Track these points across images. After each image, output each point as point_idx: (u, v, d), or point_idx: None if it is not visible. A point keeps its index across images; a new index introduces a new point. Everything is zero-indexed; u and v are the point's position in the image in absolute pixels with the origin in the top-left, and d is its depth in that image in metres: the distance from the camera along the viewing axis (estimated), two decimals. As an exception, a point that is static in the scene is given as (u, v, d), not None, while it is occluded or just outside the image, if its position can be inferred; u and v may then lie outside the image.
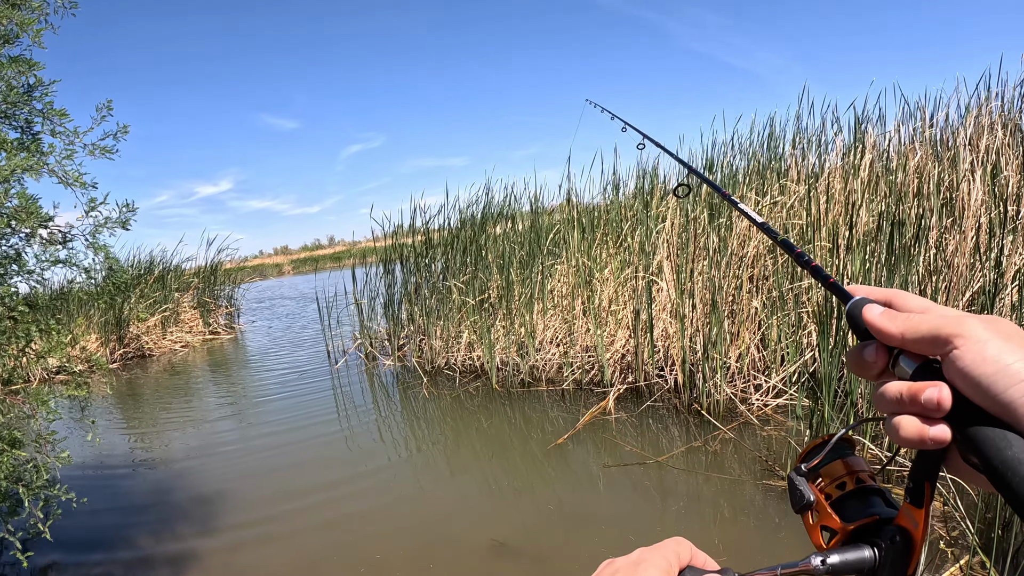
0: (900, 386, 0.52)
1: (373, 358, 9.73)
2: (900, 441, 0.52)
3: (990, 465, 0.47)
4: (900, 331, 0.53)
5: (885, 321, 0.55)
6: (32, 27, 2.67)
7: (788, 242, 0.78)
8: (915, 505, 0.53)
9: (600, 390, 6.68)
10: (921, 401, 0.50)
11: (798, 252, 0.75)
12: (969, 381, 0.48)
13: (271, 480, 5.36)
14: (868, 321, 0.56)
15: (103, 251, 3.25)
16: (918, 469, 0.53)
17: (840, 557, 0.55)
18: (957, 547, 3.28)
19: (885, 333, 0.55)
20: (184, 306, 14.74)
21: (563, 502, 4.43)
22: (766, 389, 5.71)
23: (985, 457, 0.47)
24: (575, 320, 7.41)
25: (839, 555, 0.55)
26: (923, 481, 0.53)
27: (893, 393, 0.53)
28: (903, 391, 0.52)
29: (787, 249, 0.77)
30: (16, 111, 2.86)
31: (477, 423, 6.36)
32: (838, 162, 6.65)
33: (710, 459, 4.83)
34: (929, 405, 0.50)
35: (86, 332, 12.21)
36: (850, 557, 0.54)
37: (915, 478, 0.54)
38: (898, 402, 0.52)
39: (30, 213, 2.88)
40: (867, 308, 0.57)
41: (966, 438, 0.49)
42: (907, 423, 0.51)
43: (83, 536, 4.48)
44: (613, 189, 8.32)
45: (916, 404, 0.51)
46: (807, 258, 0.73)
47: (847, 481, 0.58)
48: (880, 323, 0.55)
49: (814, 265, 0.71)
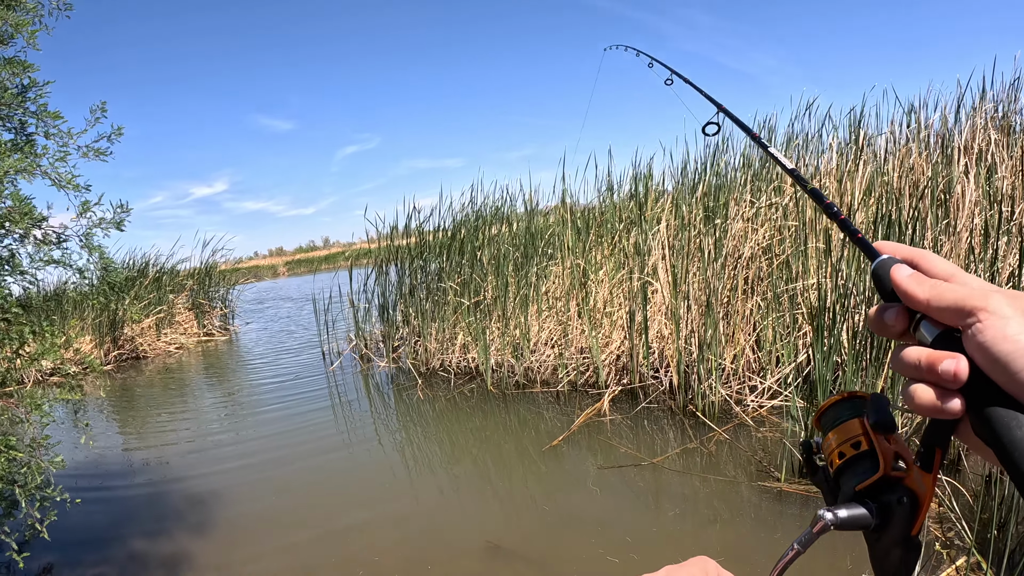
0: (920, 352, 0.52)
1: (368, 360, 9.72)
2: (914, 408, 0.52)
3: (999, 443, 0.47)
4: (926, 297, 0.53)
5: (913, 285, 0.54)
6: (26, 28, 2.66)
7: (817, 191, 0.78)
8: (924, 469, 0.54)
9: (595, 391, 6.68)
10: (939, 371, 0.50)
11: (827, 203, 0.75)
12: (988, 356, 0.48)
13: (265, 482, 5.35)
14: (896, 282, 0.56)
15: (97, 251, 3.24)
16: (930, 435, 0.54)
17: (848, 512, 0.56)
18: (953, 548, 3.28)
19: (912, 297, 0.54)
20: (179, 308, 14.71)
21: (558, 504, 4.42)
22: (761, 390, 5.72)
23: (995, 435, 0.47)
24: (570, 321, 7.41)
25: (847, 510, 0.56)
26: (934, 447, 0.54)
27: (912, 359, 0.53)
28: (922, 358, 0.52)
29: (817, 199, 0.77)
30: (10, 112, 2.84)
31: (472, 425, 6.35)
32: (833, 163, 6.66)
33: (705, 460, 4.83)
34: (946, 376, 0.50)
35: (80, 333, 12.17)
36: (857, 512, 0.55)
37: (926, 443, 0.55)
38: (916, 368, 0.52)
39: (24, 214, 2.86)
40: (896, 268, 0.56)
41: (978, 413, 0.49)
42: (922, 392, 0.51)
43: (78, 538, 4.47)
44: (607, 191, 8.33)
45: (933, 373, 0.51)
46: (836, 209, 0.73)
47: (862, 441, 0.58)
48: (908, 286, 0.55)
49: (843, 218, 0.71)
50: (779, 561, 0.59)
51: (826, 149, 6.96)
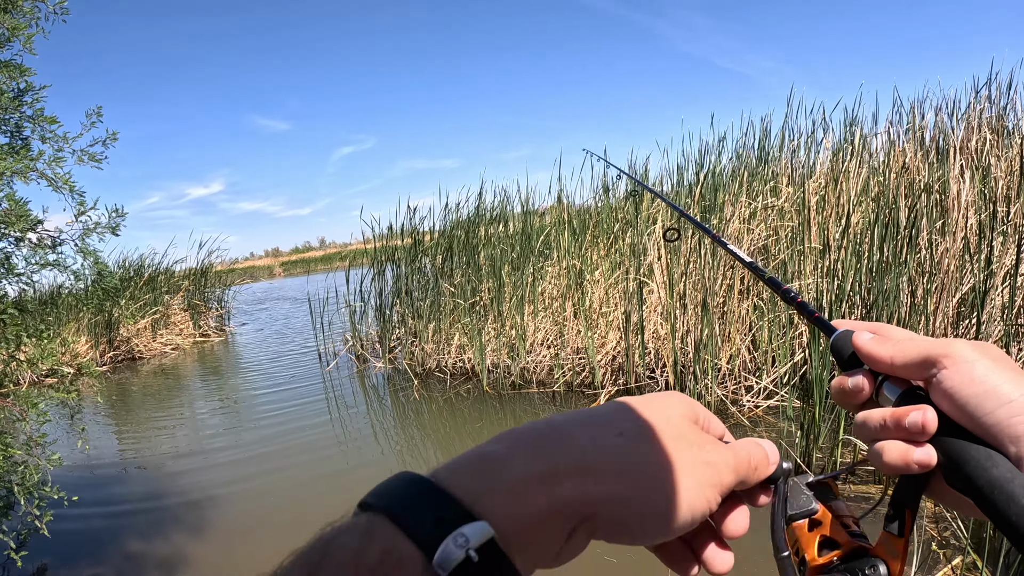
0: (884, 412, 0.53)
1: (364, 360, 9.71)
2: (883, 467, 0.52)
3: (975, 486, 0.47)
4: (890, 355, 0.53)
5: (875, 346, 0.55)
6: (23, 32, 2.65)
7: (775, 279, 0.79)
8: (895, 534, 0.53)
9: (591, 392, 6.69)
10: (906, 424, 0.50)
11: (784, 288, 0.76)
12: (955, 402, 0.48)
13: (261, 483, 5.34)
14: (859, 346, 0.56)
15: (92, 256, 3.24)
16: (899, 496, 0.53)
17: None
18: (949, 548, 3.29)
19: (875, 357, 0.55)
20: (174, 308, 14.68)
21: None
22: (757, 391, 5.73)
23: (970, 478, 0.47)
24: (566, 322, 7.42)
25: None
26: (904, 508, 0.53)
27: (876, 420, 0.53)
28: (887, 416, 0.52)
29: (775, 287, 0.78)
30: (6, 116, 2.84)
31: (468, 425, 6.35)
32: (827, 164, 6.67)
33: (701, 461, 4.83)
34: (914, 428, 0.50)
35: (76, 335, 12.15)
36: None
37: (896, 505, 0.53)
38: (882, 428, 0.52)
39: (19, 216, 2.86)
40: (858, 335, 0.57)
41: (950, 458, 0.49)
42: (891, 447, 0.51)
43: (74, 539, 4.46)
44: (603, 191, 8.34)
45: (900, 429, 0.51)
46: (794, 294, 0.73)
47: None
48: (870, 348, 0.55)
49: (799, 301, 0.71)
50: None
51: (821, 149, 6.98)
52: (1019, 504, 0.44)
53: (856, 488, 4.05)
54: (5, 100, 2.71)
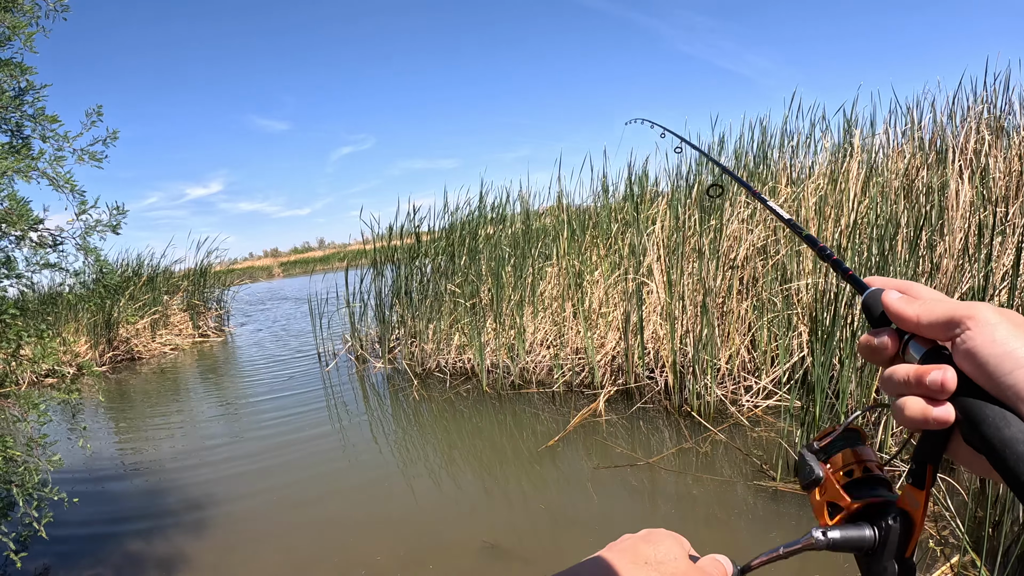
0: (908, 368, 0.54)
1: (364, 360, 9.72)
2: (904, 421, 0.54)
3: (989, 444, 0.48)
4: (917, 314, 0.55)
5: (903, 305, 0.57)
6: (23, 31, 2.66)
7: (812, 237, 0.82)
8: (916, 487, 0.55)
9: (590, 392, 6.69)
10: (926, 382, 0.52)
11: (820, 246, 0.79)
12: (976, 362, 0.50)
13: (261, 483, 5.35)
14: (887, 305, 0.58)
15: (93, 254, 3.24)
16: (921, 451, 0.55)
17: (841, 533, 0.56)
18: (947, 546, 3.30)
19: (903, 316, 0.57)
20: (173, 309, 14.68)
21: (554, 504, 4.43)
22: (756, 390, 5.74)
23: (985, 436, 0.49)
24: (565, 322, 7.42)
25: (840, 531, 0.56)
26: (925, 463, 0.55)
27: (900, 375, 0.55)
28: (910, 373, 0.54)
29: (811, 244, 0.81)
30: (7, 115, 2.85)
31: (468, 425, 6.36)
32: (826, 164, 6.68)
33: (700, 460, 4.85)
34: (934, 386, 0.52)
35: (75, 335, 12.15)
36: (851, 534, 0.56)
37: (918, 459, 0.55)
38: (905, 384, 0.54)
39: (20, 216, 2.86)
40: (887, 293, 0.59)
41: (967, 417, 0.50)
42: (912, 403, 0.53)
43: (74, 539, 4.46)
44: (603, 191, 8.35)
45: (922, 385, 0.53)
46: (829, 252, 0.76)
47: (855, 469, 0.60)
48: (899, 307, 0.57)
49: (835, 259, 0.74)
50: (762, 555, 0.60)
51: (820, 150, 6.98)
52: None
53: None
54: (6, 99, 2.72)
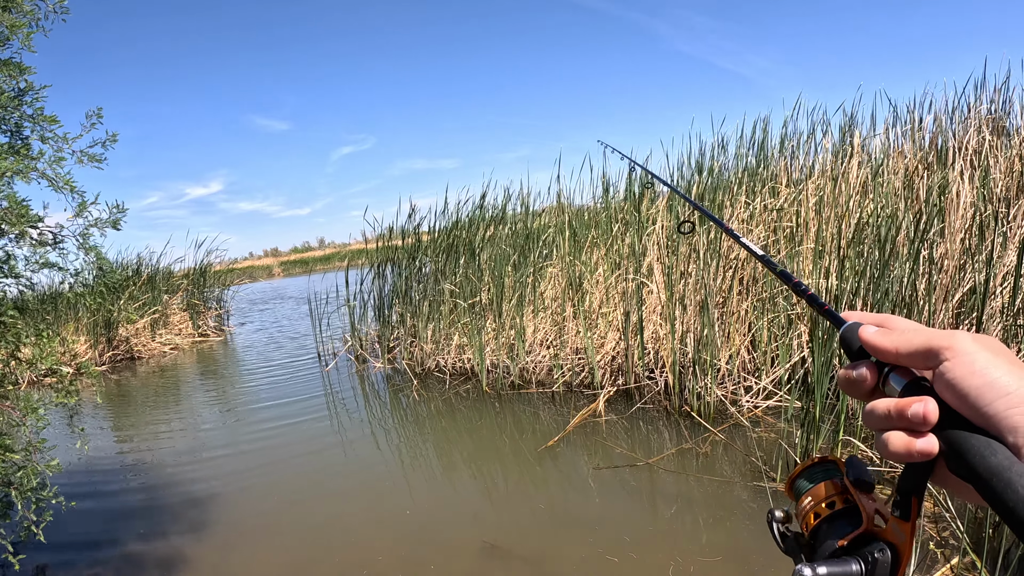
0: (888, 402, 0.55)
1: (363, 360, 9.71)
2: (889, 455, 0.54)
3: (975, 473, 0.49)
4: (895, 346, 0.56)
5: (880, 338, 0.57)
6: (22, 31, 2.65)
7: (786, 272, 0.82)
8: (902, 519, 0.55)
9: (590, 392, 6.69)
10: (908, 415, 0.52)
11: (795, 281, 0.79)
12: (957, 393, 0.51)
13: (260, 483, 5.34)
14: (864, 339, 0.58)
15: (94, 251, 3.24)
16: (906, 482, 0.55)
17: (828, 569, 0.55)
18: (947, 547, 3.30)
19: (880, 348, 0.57)
20: (173, 308, 14.67)
21: (554, 504, 4.43)
22: (756, 391, 5.73)
23: (971, 466, 0.49)
24: (565, 322, 7.42)
25: (827, 567, 0.55)
26: (910, 495, 0.54)
27: (882, 410, 0.55)
28: (891, 407, 0.54)
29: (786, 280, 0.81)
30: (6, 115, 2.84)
31: (467, 425, 6.35)
32: (827, 164, 6.68)
33: (700, 461, 4.84)
34: (916, 419, 0.52)
35: (75, 334, 12.14)
36: (838, 570, 0.55)
37: (903, 491, 0.55)
38: (887, 418, 0.54)
39: (20, 216, 2.86)
40: (863, 328, 0.59)
41: (952, 447, 0.51)
42: (895, 438, 0.53)
43: (73, 539, 4.46)
44: (603, 192, 8.34)
45: (903, 419, 0.53)
46: (804, 287, 0.76)
47: (836, 500, 0.60)
48: (876, 340, 0.57)
49: (810, 293, 0.74)
50: None
51: (820, 150, 6.98)
52: (1015, 490, 0.46)
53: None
54: (5, 99, 2.71)
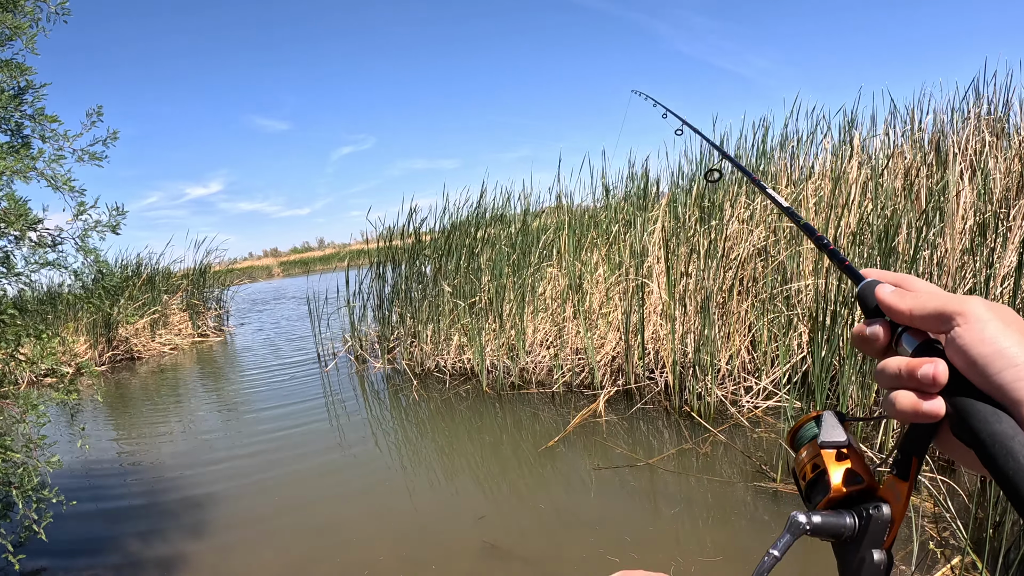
0: (900, 361, 0.55)
1: (363, 360, 9.71)
2: (896, 414, 0.54)
3: (978, 439, 0.49)
4: (909, 307, 0.56)
5: (896, 298, 0.58)
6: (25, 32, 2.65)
7: (810, 226, 0.83)
8: (900, 478, 0.55)
9: (590, 392, 6.68)
10: (918, 376, 0.53)
11: (818, 236, 0.80)
12: (967, 359, 0.51)
13: (260, 484, 5.34)
14: (880, 298, 0.59)
15: (93, 254, 3.24)
16: (908, 442, 0.56)
17: (823, 519, 0.56)
18: (948, 548, 3.30)
19: (895, 309, 0.57)
20: (173, 308, 14.67)
21: (554, 504, 4.43)
22: (756, 391, 5.73)
23: (974, 431, 0.49)
24: (565, 322, 7.42)
25: (822, 517, 0.57)
26: (911, 455, 0.55)
27: (893, 368, 0.55)
28: (902, 366, 0.54)
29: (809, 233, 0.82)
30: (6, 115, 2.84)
31: (467, 425, 6.35)
32: (827, 164, 6.68)
33: (701, 461, 4.84)
34: (925, 380, 0.52)
35: (75, 334, 12.14)
36: (832, 520, 0.56)
37: (904, 450, 0.56)
38: (897, 377, 0.55)
39: (19, 216, 2.86)
40: (880, 287, 0.60)
41: (958, 411, 0.51)
42: (903, 396, 0.54)
43: (72, 540, 4.46)
44: (604, 191, 8.34)
45: (913, 379, 0.53)
46: (826, 241, 0.77)
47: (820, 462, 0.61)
48: (891, 300, 0.58)
49: (832, 248, 0.75)
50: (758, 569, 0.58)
51: (820, 151, 6.98)
52: (1016, 459, 0.47)
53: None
54: (6, 99, 2.71)
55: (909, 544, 3.27)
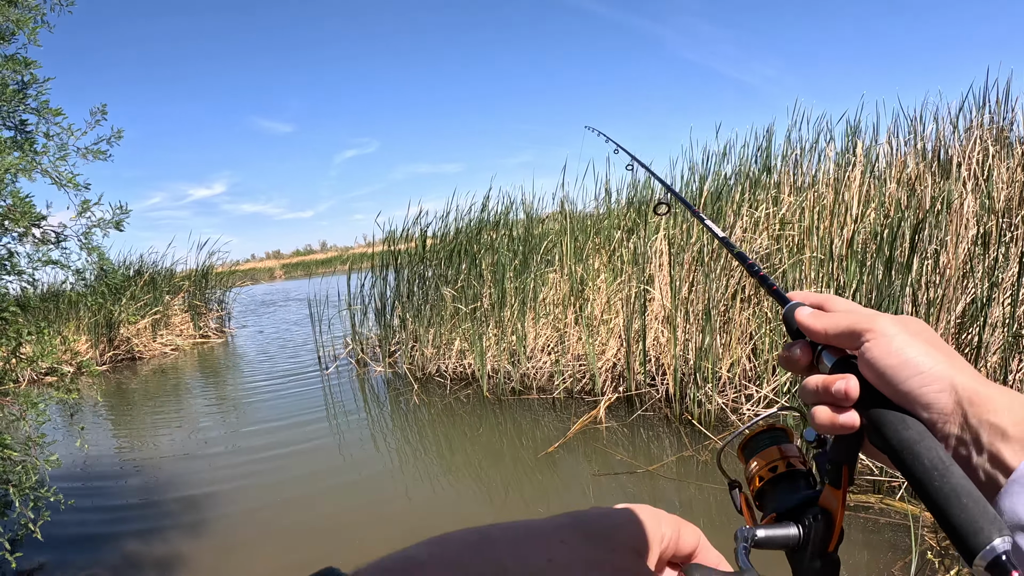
0: (818, 379, 0.59)
1: (364, 364, 9.70)
2: (817, 427, 0.59)
3: (890, 445, 0.53)
4: (823, 327, 0.60)
5: (812, 320, 0.62)
6: (28, 25, 2.66)
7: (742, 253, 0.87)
8: (834, 486, 0.57)
9: (591, 399, 6.67)
10: (832, 391, 0.57)
11: (750, 263, 0.84)
12: (875, 371, 0.55)
13: (260, 485, 5.33)
14: (799, 320, 0.63)
15: (96, 252, 3.24)
16: (836, 453, 0.58)
17: (767, 532, 0.58)
18: (948, 557, 3.29)
19: (812, 330, 0.62)
20: (174, 309, 14.67)
21: (553, 510, 4.39)
22: (757, 399, 5.72)
23: (886, 438, 0.54)
24: (567, 328, 7.41)
25: (767, 530, 0.58)
26: (841, 464, 0.57)
27: (811, 385, 0.60)
28: (819, 383, 0.59)
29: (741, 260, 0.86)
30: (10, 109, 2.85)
31: (467, 430, 6.34)
32: (830, 174, 6.67)
33: (701, 469, 4.83)
34: (838, 395, 0.57)
35: (76, 334, 12.15)
36: (777, 533, 0.58)
37: (833, 460, 0.58)
38: (815, 392, 0.59)
39: (23, 213, 2.86)
40: (800, 309, 0.64)
41: (872, 422, 0.55)
42: (821, 411, 0.58)
43: (71, 538, 4.45)
44: (607, 198, 8.35)
45: (828, 394, 0.58)
46: (757, 268, 0.81)
47: (779, 464, 0.63)
48: (808, 321, 0.62)
49: (761, 274, 0.78)
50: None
51: (823, 159, 6.97)
52: (921, 463, 0.50)
53: (855, 498, 4.05)
54: (10, 94, 2.72)
55: (908, 554, 3.26)
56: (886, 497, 3.99)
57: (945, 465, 0.50)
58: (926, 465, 0.50)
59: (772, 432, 0.67)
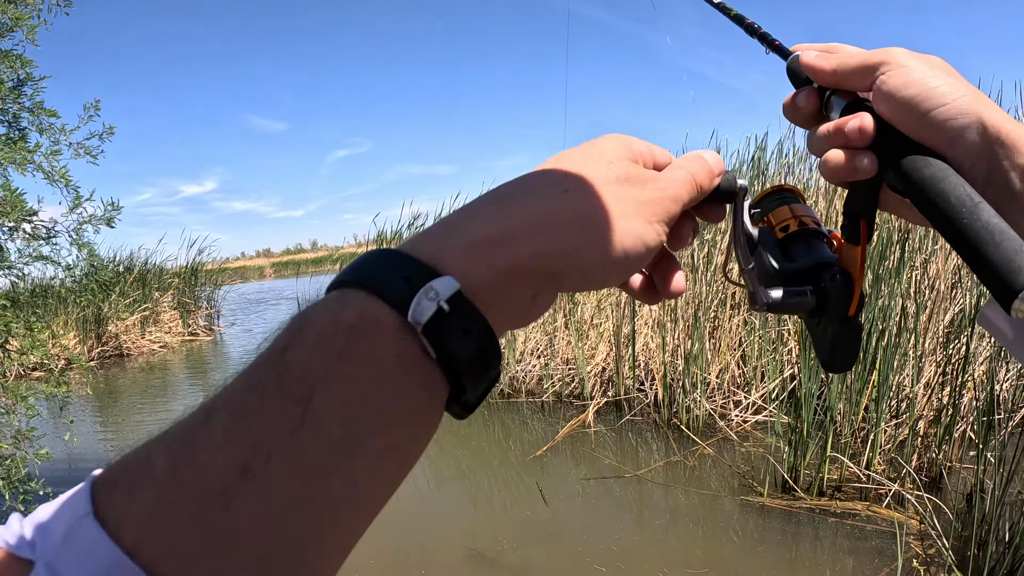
0: (829, 124, 0.54)
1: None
2: (828, 173, 0.54)
3: (910, 184, 0.49)
4: (833, 66, 0.55)
5: (819, 60, 0.56)
6: (26, 23, 2.65)
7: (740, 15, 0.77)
8: (852, 243, 0.54)
9: (580, 403, 6.68)
10: (845, 131, 0.52)
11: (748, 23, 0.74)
12: (894, 104, 0.51)
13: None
14: (804, 63, 0.58)
15: (87, 248, 3.24)
16: (851, 204, 0.55)
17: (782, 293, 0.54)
18: (933, 565, 3.31)
19: (819, 70, 0.56)
20: (163, 306, 14.61)
21: (540, 513, 4.42)
22: (745, 405, 5.74)
23: (907, 176, 0.49)
24: (556, 332, 7.42)
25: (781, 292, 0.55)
26: (858, 217, 0.54)
27: (823, 131, 0.55)
28: (831, 127, 0.54)
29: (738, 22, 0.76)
30: (4, 106, 2.84)
31: (456, 433, 6.34)
32: (822, 183, 6.70)
33: (688, 474, 4.85)
34: (852, 134, 0.52)
35: (64, 329, 12.09)
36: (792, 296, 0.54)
37: (849, 213, 0.55)
38: (827, 137, 0.54)
39: (14, 206, 2.85)
40: (804, 52, 0.58)
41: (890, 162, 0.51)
42: (834, 155, 0.53)
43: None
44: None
45: (841, 135, 0.53)
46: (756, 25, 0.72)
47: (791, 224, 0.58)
48: (815, 62, 0.57)
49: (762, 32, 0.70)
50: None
51: (814, 168, 7.00)
52: (947, 200, 0.46)
53: (842, 505, 4.07)
54: (4, 90, 2.71)
55: (894, 561, 3.28)
56: (873, 504, 4.01)
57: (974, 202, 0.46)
58: (952, 203, 0.46)
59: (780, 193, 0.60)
